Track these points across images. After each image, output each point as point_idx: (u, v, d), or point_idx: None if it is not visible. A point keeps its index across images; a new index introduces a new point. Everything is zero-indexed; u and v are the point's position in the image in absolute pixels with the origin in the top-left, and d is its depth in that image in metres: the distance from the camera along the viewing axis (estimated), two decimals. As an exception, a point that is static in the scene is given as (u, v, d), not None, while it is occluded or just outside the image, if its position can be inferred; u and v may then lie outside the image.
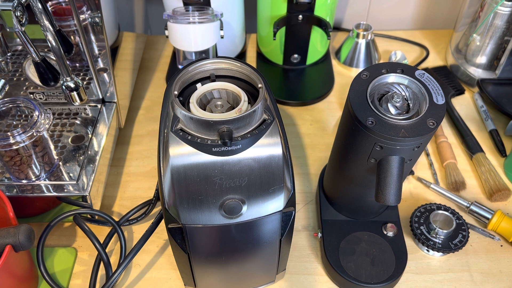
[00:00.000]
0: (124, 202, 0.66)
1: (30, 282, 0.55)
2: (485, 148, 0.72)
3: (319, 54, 0.88)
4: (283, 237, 0.45)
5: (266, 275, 0.53)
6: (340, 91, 0.85)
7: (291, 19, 0.76)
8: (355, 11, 0.98)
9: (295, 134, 0.76)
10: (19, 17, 0.47)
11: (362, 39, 0.86)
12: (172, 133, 0.37)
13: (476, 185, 0.68)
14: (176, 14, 0.70)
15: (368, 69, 0.46)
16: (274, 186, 0.39)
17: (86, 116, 0.68)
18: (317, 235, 0.60)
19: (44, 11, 0.48)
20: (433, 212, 0.60)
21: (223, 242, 0.43)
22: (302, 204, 0.66)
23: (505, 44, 0.76)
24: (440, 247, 0.57)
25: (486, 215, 0.61)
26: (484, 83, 0.80)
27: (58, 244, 0.61)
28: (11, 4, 0.45)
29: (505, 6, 0.72)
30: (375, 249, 0.56)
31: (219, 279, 0.50)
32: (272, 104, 0.41)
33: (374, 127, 0.41)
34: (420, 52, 0.93)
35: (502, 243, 0.61)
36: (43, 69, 0.53)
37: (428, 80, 0.44)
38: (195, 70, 0.43)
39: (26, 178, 0.58)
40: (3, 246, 0.46)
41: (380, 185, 0.43)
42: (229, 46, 0.85)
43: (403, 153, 0.43)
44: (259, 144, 0.37)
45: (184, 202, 0.38)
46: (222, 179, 0.37)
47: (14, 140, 0.53)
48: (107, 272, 0.55)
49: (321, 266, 0.59)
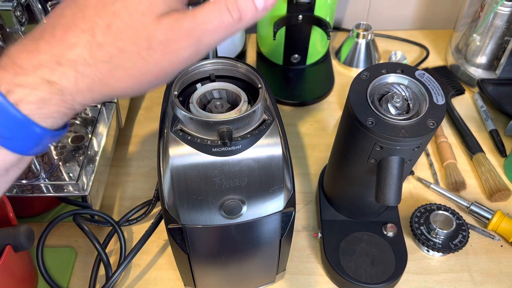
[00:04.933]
0: (124, 202, 0.66)
1: (30, 282, 0.55)
2: (485, 148, 0.72)
3: (319, 54, 0.87)
4: (283, 237, 0.45)
5: (266, 275, 0.53)
6: (340, 91, 0.85)
7: (291, 19, 0.76)
8: (355, 11, 0.98)
9: (295, 134, 0.76)
10: (19, 17, 0.47)
11: (362, 39, 0.86)
12: (172, 133, 0.37)
13: (476, 185, 0.68)
14: (176, 14, 0.70)
15: (368, 69, 0.46)
16: (274, 186, 0.39)
17: (86, 116, 0.68)
18: (317, 235, 0.60)
19: (44, 11, 0.48)
20: (433, 212, 0.59)
21: (223, 243, 0.43)
22: (302, 204, 0.66)
23: (505, 44, 0.76)
24: (440, 247, 0.57)
25: (486, 215, 0.61)
26: (484, 83, 0.80)
27: (58, 244, 0.61)
28: (11, 4, 0.45)
29: (505, 6, 0.72)
30: (375, 249, 0.56)
31: (219, 279, 0.50)
32: (272, 104, 0.41)
33: (374, 127, 0.41)
34: (420, 52, 0.93)
35: (502, 243, 0.61)
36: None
37: (428, 80, 0.44)
38: (195, 70, 0.43)
39: (26, 178, 0.58)
40: (3, 246, 0.46)
41: (380, 185, 0.43)
42: (229, 46, 0.84)
43: (403, 153, 0.43)
44: (259, 144, 0.37)
45: (184, 202, 0.38)
46: (222, 180, 0.37)
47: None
48: (107, 272, 0.55)
49: (321, 266, 0.59)
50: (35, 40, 0.24)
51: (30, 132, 0.24)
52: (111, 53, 0.24)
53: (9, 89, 0.23)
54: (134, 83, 0.25)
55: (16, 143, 0.24)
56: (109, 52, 0.24)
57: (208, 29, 0.25)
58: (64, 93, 0.24)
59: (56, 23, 0.24)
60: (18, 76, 0.23)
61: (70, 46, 0.24)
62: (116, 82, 0.25)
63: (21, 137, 0.24)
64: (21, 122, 0.24)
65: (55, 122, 0.25)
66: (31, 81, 0.23)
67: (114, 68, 0.24)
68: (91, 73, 0.24)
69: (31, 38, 0.25)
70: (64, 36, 0.24)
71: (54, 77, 0.24)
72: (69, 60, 0.24)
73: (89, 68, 0.24)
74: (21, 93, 0.23)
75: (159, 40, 0.24)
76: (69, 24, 0.24)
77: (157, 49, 0.24)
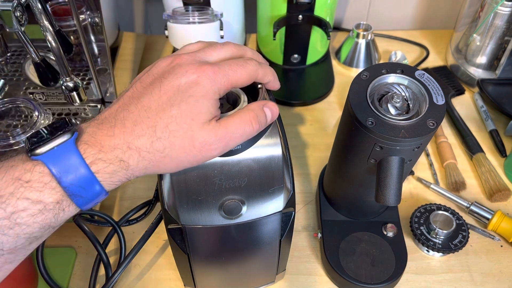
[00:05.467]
0: (124, 202, 0.66)
1: (30, 282, 0.55)
2: (485, 148, 0.72)
3: (319, 54, 0.87)
4: (283, 238, 0.45)
5: (266, 275, 0.53)
6: (340, 91, 0.85)
7: (291, 19, 0.76)
8: (355, 11, 0.98)
9: (295, 134, 0.76)
10: (19, 17, 0.47)
11: (362, 39, 0.86)
12: (171, 133, 0.37)
13: (476, 185, 0.68)
14: (176, 14, 0.70)
15: (368, 69, 0.46)
16: (274, 186, 0.39)
17: (85, 116, 0.68)
18: (317, 236, 0.60)
19: (44, 11, 0.48)
20: (433, 213, 0.59)
21: (223, 243, 0.43)
22: (302, 205, 0.66)
23: (505, 44, 0.76)
24: (440, 247, 0.57)
25: (486, 215, 0.61)
26: (484, 83, 0.80)
27: (58, 244, 0.61)
28: (10, 4, 0.45)
29: (505, 6, 0.72)
30: (375, 249, 0.56)
31: (219, 279, 0.50)
32: (272, 104, 0.41)
33: (374, 127, 0.41)
34: (420, 52, 0.93)
35: (502, 244, 0.61)
36: (43, 69, 0.53)
37: (428, 80, 0.44)
38: (195, 71, 0.43)
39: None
40: (3, 247, 0.46)
41: (380, 185, 0.43)
42: (229, 46, 0.84)
43: (403, 154, 0.43)
44: (258, 145, 0.37)
45: (183, 202, 0.38)
46: (221, 180, 0.37)
47: (14, 140, 0.53)
48: (107, 272, 0.55)
49: (321, 266, 0.59)
50: (111, 127, 0.32)
51: (98, 193, 0.32)
52: (165, 146, 0.32)
53: (92, 161, 0.31)
54: (175, 167, 0.34)
55: (84, 201, 0.32)
56: (164, 144, 0.32)
57: (235, 137, 0.34)
58: (128, 169, 0.32)
59: (125, 117, 0.32)
60: (100, 153, 0.31)
61: (138, 137, 0.32)
62: (163, 165, 0.33)
63: (90, 197, 0.32)
64: (95, 186, 0.32)
65: (112, 187, 0.33)
66: (109, 158, 0.31)
67: (165, 156, 0.32)
68: (148, 158, 0.32)
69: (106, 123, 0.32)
70: (133, 129, 0.32)
71: (124, 157, 0.32)
72: (136, 146, 0.32)
73: (148, 154, 0.32)
74: (101, 165, 0.31)
75: (200, 141, 0.32)
76: (137, 119, 0.32)
77: (197, 147, 0.32)
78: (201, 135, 0.32)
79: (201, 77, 0.32)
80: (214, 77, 0.33)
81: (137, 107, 0.33)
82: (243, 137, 0.34)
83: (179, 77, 0.32)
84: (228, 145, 0.34)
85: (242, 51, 0.38)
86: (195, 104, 0.32)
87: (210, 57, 0.36)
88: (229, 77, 0.34)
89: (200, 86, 0.32)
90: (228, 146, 0.34)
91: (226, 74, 0.33)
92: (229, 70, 0.34)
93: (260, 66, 0.36)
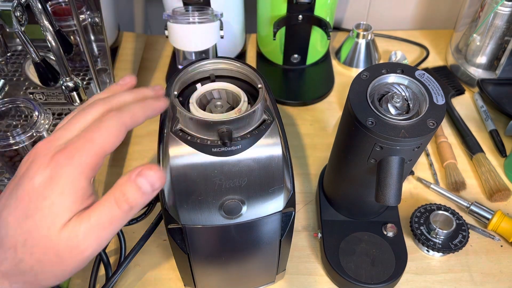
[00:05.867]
0: (124, 202, 0.66)
1: (30, 282, 0.55)
2: (485, 148, 0.72)
3: (319, 54, 0.87)
4: (283, 238, 0.45)
5: (266, 275, 0.53)
6: (340, 91, 0.85)
7: (291, 19, 0.76)
8: (355, 11, 0.98)
9: (295, 134, 0.76)
10: (19, 17, 0.47)
11: (362, 39, 0.86)
12: (171, 133, 0.37)
13: (476, 185, 0.68)
14: (176, 14, 0.70)
15: (368, 69, 0.46)
16: (274, 186, 0.39)
17: (86, 116, 0.68)
18: (317, 236, 0.60)
19: (44, 11, 0.48)
20: (433, 213, 0.59)
21: (223, 243, 0.43)
22: (302, 205, 0.66)
23: (505, 44, 0.76)
24: (440, 247, 0.57)
25: (486, 215, 0.61)
26: (484, 83, 0.80)
27: (58, 244, 0.61)
28: (10, 4, 0.45)
29: (505, 6, 0.72)
30: (375, 249, 0.56)
31: (219, 279, 0.50)
32: (272, 104, 0.41)
33: (374, 127, 0.41)
34: (420, 52, 0.93)
35: (502, 243, 0.61)
36: (43, 69, 0.53)
37: (428, 80, 0.44)
38: (195, 70, 0.43)
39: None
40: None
41: (380, 185, 0.43)
42: (229, 46, 0.84)
43: (403, 154, 0.43)
44: (259, 145, 0.37)
45: (183, 202, 0.38)
46: (221, 180, 0.37)
47: (14, 141, 0.53)
48: (107, 272, 0.55)
49: (321, 266, 0.59)
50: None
51: None
52: (31, 264, 0.28)
53: None
54: (57, 280, 0.30)
55: None
56: (29, 264, 0.28)
57: (103, 227, 0.29)
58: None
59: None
60: None
61: (1, 262, 0.28)
62: (43, 282, 0.30)
63: None
64: None
65: None
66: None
67: (38, 274, 0.29)
68: (20, 280, 0.29)
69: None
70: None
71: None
72: (2, 272, 0.29)
73: (18, 277, 0.29)
74: None
75: (63, 248, 0.28)
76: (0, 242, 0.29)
77: (65, 256, 0.28)
78: (62, 242, 0.28)
79: (54, 170, 0.28)
80: (69, 163, 0.29)
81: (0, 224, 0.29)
82: (117, 223, 0.29)
83: (32, 178, 0.29)
84: (102, 238, 0.29)
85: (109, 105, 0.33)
86: (50, 209, 0.28)
87: (69, 134, 0.31)
88: (91, 153, 0.29)
89: (55, 182, 0.28)
90: (100, 239, 0.29)
91: (86, 152, 0.29)
92: (86, 144, 0.29)
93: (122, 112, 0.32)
